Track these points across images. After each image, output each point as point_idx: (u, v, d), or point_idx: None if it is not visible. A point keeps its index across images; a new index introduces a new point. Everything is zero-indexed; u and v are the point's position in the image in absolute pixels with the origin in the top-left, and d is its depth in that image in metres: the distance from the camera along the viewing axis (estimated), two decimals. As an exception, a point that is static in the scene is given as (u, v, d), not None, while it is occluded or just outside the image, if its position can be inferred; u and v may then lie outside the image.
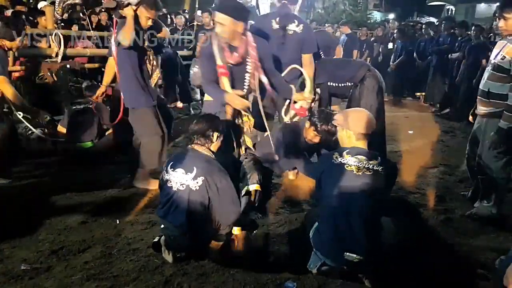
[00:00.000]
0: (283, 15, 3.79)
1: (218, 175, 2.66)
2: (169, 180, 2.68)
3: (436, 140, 6.14)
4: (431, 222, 3.41)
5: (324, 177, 2.51)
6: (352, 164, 2.40)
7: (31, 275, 2.53)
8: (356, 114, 2.63)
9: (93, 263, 2.67)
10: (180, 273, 2.55)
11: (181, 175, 2.65)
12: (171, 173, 2.69)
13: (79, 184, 3.98)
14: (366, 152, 2.48)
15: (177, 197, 2.63)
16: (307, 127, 3.29)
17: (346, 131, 2.56)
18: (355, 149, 2.49)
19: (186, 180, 2.63)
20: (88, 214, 3.37)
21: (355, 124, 2.53)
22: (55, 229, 3.12)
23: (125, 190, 3.90)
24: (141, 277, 2.52)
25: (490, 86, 3.22)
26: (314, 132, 3.23)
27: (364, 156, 2.43)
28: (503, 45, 3.17)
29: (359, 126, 2.52)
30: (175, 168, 2.68)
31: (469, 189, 3.89)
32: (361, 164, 2.39)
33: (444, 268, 2.75)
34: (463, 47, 7.44)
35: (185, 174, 2.63)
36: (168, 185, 2.68)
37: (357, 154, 2.44)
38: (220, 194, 2.64)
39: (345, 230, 2.35)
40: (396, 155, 5.29)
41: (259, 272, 2.56)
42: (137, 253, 2.79)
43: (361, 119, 2.54)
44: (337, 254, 2.37)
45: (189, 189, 2.61)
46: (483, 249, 2.98)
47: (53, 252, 2.79)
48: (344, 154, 2.46)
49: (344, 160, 2.43)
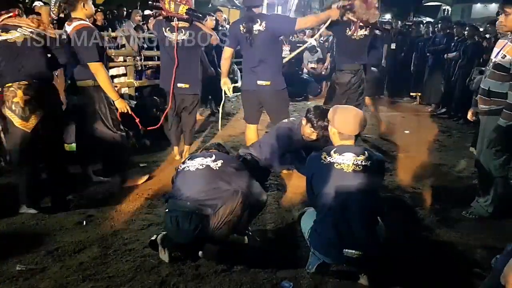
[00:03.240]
0: (247, 19, 4.04)
1: (236, 161, 2.92)
2: (187, 166, 2.74)
3: (432, 139, 6.16)
4: (427, 221, 3.42)
5: (315, 178, 2.50)
6: (341, 162, 2.40)
7: (26, 275, 2.52)
8: (344, 113, 2.58)
9: (88, 263, 2.66)
10: (176, 273, 2.54)
11: (200, 159, 2.74)
12: (188, 162, 2.77)
13: (74, 184, 3.97)
14: (353, 148, 2.48)
15: (195, 174, 2.67)
16: (304, 124, 3.33)
17: (332, 129, 2.58)
18: (342, 147, 2.48)
19: (206, 161, 2.71)
20: (83, 215, 3.36)
21: (341, 123, 2.52)
22: (50, 230, 3.11)
23: (121, 190, 3.89)
24: (137, 278, 2.51)
25: (491, 85, 3.23)
26: (311, 129, 3.27)
27: (352, 152, 2.43)
28: (504, 44, 3.18)
29: (344, 126, 2.51)
30: (193, 158, 2.79)
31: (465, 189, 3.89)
32: (349, 162, 2.39)
33: (440, 267, 2.75)
34: (459, 47, 7.46)
35: (205, 158, 2.74)
36: (185, 170, 2.73)
37: (344, 151, 2.44)
38: (237, 175, 2.72)
39: (343, 228, 2.35)
40: (393, 155, 5.30)
41: (255, 272, 2.57)
42: (133, 254, 2.78)
43: (348, 119, 2.52)
44: (337, 252, 2.36)
45: (209, 168, 2.68)
46: (479, 248, 2.98)
47: (49, 253, 2.77)
48: (331, 153, 2.45)
49: (332, 159, 2.42)
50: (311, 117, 3.25)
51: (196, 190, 2.60)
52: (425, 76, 8.65)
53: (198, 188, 2.60)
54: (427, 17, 23.99)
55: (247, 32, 4.00)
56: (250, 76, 4.15)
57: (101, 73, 3.61)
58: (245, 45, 4.09)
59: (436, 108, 8.39)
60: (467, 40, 7.37)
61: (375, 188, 2.47)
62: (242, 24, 4.05)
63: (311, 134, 3.31)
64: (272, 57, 4.09)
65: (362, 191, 2.36)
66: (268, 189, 3.83)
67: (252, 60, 4.09)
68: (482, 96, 3.32)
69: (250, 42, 4.02)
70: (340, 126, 2.51)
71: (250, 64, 4.13)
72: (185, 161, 2.84)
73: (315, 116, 3.24)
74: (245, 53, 4.18)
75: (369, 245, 2.33)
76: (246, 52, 4.15)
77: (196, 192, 2.59)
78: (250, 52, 4.09)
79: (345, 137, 2.51)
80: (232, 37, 4.19)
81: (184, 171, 2.73)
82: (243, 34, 4.03)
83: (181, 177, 2.74)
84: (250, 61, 4.13)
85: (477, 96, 3.47)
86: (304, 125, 3.34)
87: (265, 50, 4.02)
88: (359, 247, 2.31)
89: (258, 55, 4.03)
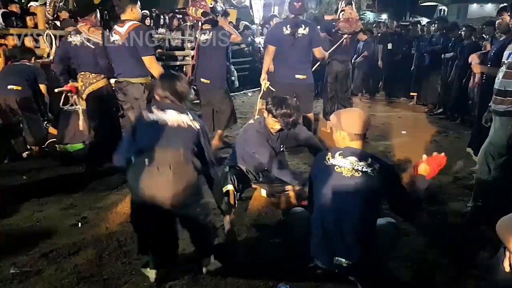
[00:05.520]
0: (293, 23, 4.71)
1: None
2: (156, 119, 2.47)
3: (429, 140, 6.16)
4: (423, 223, 3.40)
5: (315, 179, 2.48)
6: (342, 165, 2.36)
7: (21, 278, 2.51)
8: (349, 114, 2.58)
9: (84, 266, 2.64)
10: (172, 276, 2.52)
11: (174, 115, 2.49)
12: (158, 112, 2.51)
13: (70, 186, 3.95)
14: (359, 152, 2.42)
15: (168, 130, 2.44)
16: (266, 116, 3.41)
17: (340, 132, 2.51)
18: (348, 149, 2.44)
19: (181, 120, 2.48)
20: (78, 216, 3.35)
21: (348, 124, 2.48)
22: (45, 232, 3.09)
23: (116, 192, 3.88)
24: (132, 280, 2.50)
25: (506, 84, 3.27)
26: (273, 119, 3.34)
27: (356, 157, 2.38)
28: None
29: (352, 126, 2.47)
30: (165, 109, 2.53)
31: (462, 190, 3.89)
32: (350, 166, 2.35)
33: (438, 269, 2.75)
34: (456, 47, 7.46)
35: (180, 114, 2.50)
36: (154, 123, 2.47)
37: (349, 155, 2.40)
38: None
39: (335, 234, 2.31)
40: (390, 155, 5.31)
41: (251, 274, 2.55)
42: (128, 256, 2.77)
43: (354, 119, 2.49)
44: (327, 257, 2.33)
45: (181, 127, 2.47)
46: (476, 249, 2.96)
47: (43, 255, 2.76)
48: (336, 155, 2.42)
49: (335, 161, 2.39)
50: (270, 107, 3.33)
51: (171, 142, 2.45)
52: (422, 76, 8.65)
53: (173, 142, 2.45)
54: (423, 17, 23.99)
55: (291, 34, 4.67)
56: (288, 71, 4.79)
57: (156, 65, 4.02)
58: (286, 44, 4.71)
59: (432, 108, 8.40)
60: (464, 40, 7.37)
61: (375, 196, 2.36)
62: (285, 26, 4.72)
63: (274, 124, 3.38)
64: (308, 56, 4.89)
65: (359, 198, 2.29)
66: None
67: (292, 57, 4.74)
68: (498, 96, 3.34)
69: (292, 42, 4.67)
70: (348, 127, 2.46)
71: (290, 60, 4.76)
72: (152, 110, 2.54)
73: (273, 104, 3.31)
74: (286, 51, 4.75)
75: (361, 255, 2.28)
76: (287, 51, 4.74)
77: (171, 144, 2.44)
78: (291, 51, 4.72)
79: (354, 137, 2.46)
80: (274, 37, 4.90)
81: (152, 124, 2.48)
82: (286, 35, 4.69)
83: (146, 129, 2.51)
84: (290, 58, 4.76)
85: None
86: (266, 118, 3.43)
87: (304, 50, 4.77)
88: (349, 256, 2.27)
89: (298, 53, 4.73)
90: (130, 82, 4.02)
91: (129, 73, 4.02)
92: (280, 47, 4.80)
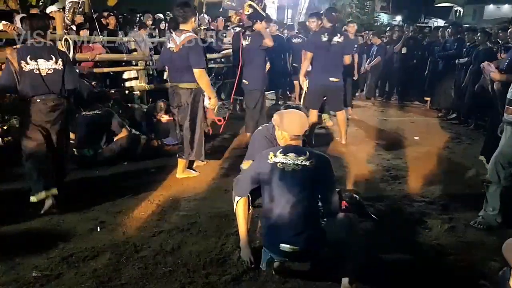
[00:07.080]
0: (330, 31, 5.47)
1: None
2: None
3: (442, 146, 6.14)
4: (435, 231, 3.43)
5: (261, 176, 2.65)
6: (283, 162, 2.57)
7: (42, 282, 2.60)
8: (291, 116, 2.77)
9: (102, 270, 2.73)
10: (187, 281, 2.61)
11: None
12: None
13: (87, 190, 4.05)
14: (297, 149, 2.64)
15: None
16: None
17: (282, 132, 2.75)
18: (288, 147, 2.66)
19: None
20: (96, 221, 3.44)
21: (289, 126, 2.70)
22: (65, 236, 3.19)
23: (133, 197, 3.96)
24: (149, 285, 2.58)
25: None
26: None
27: (294, 153, 2.59)
28: None
29: (292, 128, 2.69)
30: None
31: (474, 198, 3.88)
32: (291, 161, 2.56)
33: (447, 278, 2.78)
34: (471, 52, 7.40)
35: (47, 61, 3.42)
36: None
37: (289, 152, 2.60)
38: None
39: (281, 224, 2.52)
40: (401, 162, 5.30)
41: (264, 281, 2.61)
42: (145, 261, 2.85)
43: (295, 122, 2.72)
44: (274, 246, 2.54)
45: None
46: (486, 259, 2.99)
47: (63, 259, 2.85)
48: (278, 153, 2.62)
49: (277, 159, 2.60)
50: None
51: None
52: (436, 81, 8.61)
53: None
54: (438, 18, 23.77)
55: (328, 41, 5.42)
56: (323, 75, 5.54)
57: (205, 78, 4.30)
58: (323, 50, 5.46)
59: (446, 114, 8.37)
60: (478, 46, 7.31)
61: (317, 186, 2.60)
62: (323, 34, 5.46)
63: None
64: (341, 62, 5.65)
65: (301, 190, 2.52)
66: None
67: (327, 62, 5.51)
68: (510, 107, 3.35)
69: (328, 49, 5.44)
70: (289, 128, 2.70)
71: (325, 65, 5.52)
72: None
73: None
74: (322, 56, 5.50)
75: (305, 241, 2.47)
76: (323, 56, 5.49)
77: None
78: (326, 56, 5.48)
79: (293, 137, 2.69)
80: (312, 44, 5.67)
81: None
82: (323, 42, 5.44)
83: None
84: (325, 63, 5.51)
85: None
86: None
87: (338, 56, 5.57)
88: (294, 242, 2.46)
89: (333, 59, 5.53)
90: (179, 87, 4.31)
91: (178, 79, 4.33)
92: (317, 53, 5.51)
